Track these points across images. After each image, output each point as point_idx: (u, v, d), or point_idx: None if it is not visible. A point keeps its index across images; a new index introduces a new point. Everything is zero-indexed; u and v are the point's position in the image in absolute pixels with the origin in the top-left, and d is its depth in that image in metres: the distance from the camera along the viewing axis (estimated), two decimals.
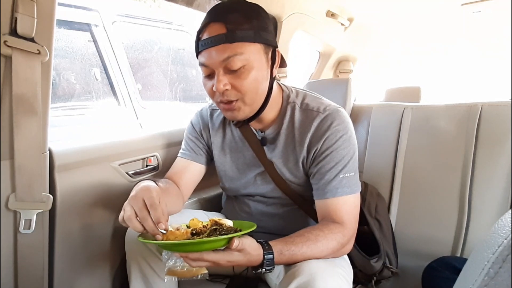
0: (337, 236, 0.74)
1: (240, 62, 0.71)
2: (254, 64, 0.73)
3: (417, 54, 2.46)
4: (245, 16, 0.72)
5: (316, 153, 0.81)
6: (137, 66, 2.23)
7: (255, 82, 0.74)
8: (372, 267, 0.93)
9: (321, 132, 0.80)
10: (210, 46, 0.71)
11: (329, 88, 1.45)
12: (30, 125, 0.75)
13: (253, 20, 0.72)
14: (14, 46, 0.68)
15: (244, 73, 0.72)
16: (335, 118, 0.80)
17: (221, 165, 0.96)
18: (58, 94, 1.82)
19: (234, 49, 0.70)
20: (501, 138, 1.07)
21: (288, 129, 0.85)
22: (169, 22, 2.46)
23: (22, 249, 0.82)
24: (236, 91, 0.74)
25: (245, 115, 0.80)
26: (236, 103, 0.76)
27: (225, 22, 0.70)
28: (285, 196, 0.89)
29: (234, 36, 0.69)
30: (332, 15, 1.57)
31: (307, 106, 0.84)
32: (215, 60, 0.71)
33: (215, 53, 0.71)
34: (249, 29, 0.71)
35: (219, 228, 0.64)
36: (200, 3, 1.19)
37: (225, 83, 0.72)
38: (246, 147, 0.90)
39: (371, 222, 1.00)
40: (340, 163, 0.79)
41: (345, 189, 0.78)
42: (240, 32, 0.70)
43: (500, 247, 0.27)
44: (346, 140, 0.80)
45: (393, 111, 1.29)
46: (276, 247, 0.68)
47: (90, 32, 1.99)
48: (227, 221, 0.68)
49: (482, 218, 1.08)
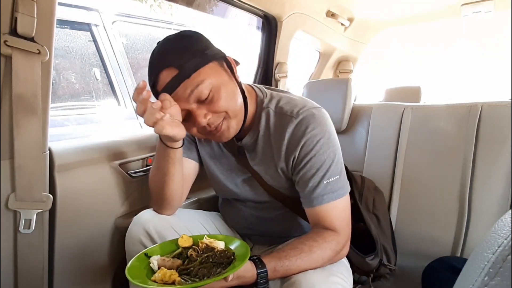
0: (332, 245, 0.73)
1: (206, 88, 0.70)
2: (218, 82, 0.72)
3: (417, 54, 2.46)
4: (185, 48, 0.71)
5: (295, 161, 0.79)
6: (137, 66, 2.23)
7: (229, 97, 0.73)
8: (369, 265, 0.93)
9: (296, 138, 0.77)
10: (171, 92, 0.70)
11: (329, 88, 1.45)
12: (30, 124, 0.75)
13: (190, 47, 0.71)
14: (14, 45, 0.68)
15: (215, 96, 0.71)
16: (310, 121, 0.77)
17: (208, 169, 0.95)
18: (58, 93, 1.82)
19: (194, 81, 0.69)
20: (501, 138, 1.07)
21: (265, 136, 0.83)
22: (169, 22, 2.46)
23: (22, 249, 0.82)
24: (218, 115, 0.73)
25: (234, 131, 0.78)
26: (223, 124, 0.75)
27: (171, 65, 0.69)
28: (275, 200, 0.88)
29: (187, 70, 0.69)
30: (332, 15, 1.57)
31: (281, 109, 0.81)
32: (182, 100, 0.70)
33: (179, 94, 0.70)
34: (193, 57, 0.70)
35: (211, 255, 0.64)
36: (200, 3, 1.20)
37: (205, 113, 0.72)
38: (230, 155, 0.89)
39: (368, 218, 0.99)
40: (322, 169, 0.76)
41: (331, 195, 0.76)
42: (189, 64, 0.69)
43: (500, 247, 0.27)
44: (324, 144, 0.77)
45: (393, 111, 1.29)
46: (269, 264, 0.67)
47: (90, 31, 1.99)
48: (219, 243, 0.68)
49: (482, 218, 1.08)
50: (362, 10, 1.62)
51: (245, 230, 1.00)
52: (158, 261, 0.65)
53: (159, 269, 0.63)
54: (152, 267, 0.65)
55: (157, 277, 0.60)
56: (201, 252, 0.66)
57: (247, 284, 0.67)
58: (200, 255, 0.65)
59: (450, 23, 1.80)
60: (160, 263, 0.65)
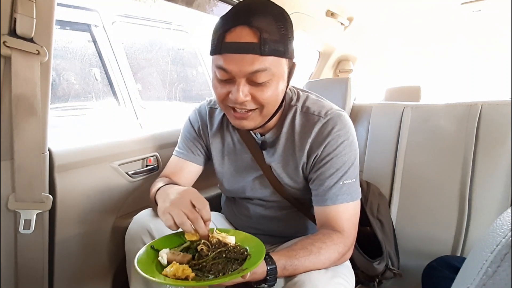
0: (339, 247, 0.74)
1: (267, 76, 0.67)
2: (278, 78, 0.70)
3: (417, 54, 2.46)
4: (277, 24, 0.67)
5: (317, 159, 0.79)
6: (137, 66, 2.23)
7: (276, 95, 0.73)
8: (375, 269, 0.93)
9: (322, 137, 0.78)
10: (238, 53, 0.65)
11: (329, 88, 1.45)
12: (30, 125, 0.75)
13: (283, 29, 0.68)
14: (14, 46, 0.68)
15: (267, 86, 0.69)
16: (337, 123, 0.78)
17: (219, 167, 0.94)
18: (58, 94, 1.82)
19: (264, 63, 0.66)
20: (501, 137, 1.07)
21: (288, 133, 0.83)
22: (169, 22, 2.46)
23: (22, 249, 0.82)
24: (255, 102, 0.72)
25: (255, 125, 0.77)
26: (252, 113, 0.73)
27: (258, 30, 0.64)
28: (283, 199, 0.88)
29: (267, 49, 0.65)
30: (332, 15, 1.56)
31: (308, 109, 0.82)
32: (241, 69, 0.66)
33: (243, 62, 0.65)
34: (280, 41, 0.67)
35: (225, 250, 0.62)
36: (200, 3, 1.19)
37: (246, 94, 0.69)
38: (245, 151, 0.89)
39: (374, 223, 0.99)
40: (341, 170, 0.77)
41: (345, 196, 0.77)
42: (273, 45, 0.65)
43: (499, 246, 0.27)
44: (347, 146, 0.78)
45: (393, 111, 1.29)
46: (279, 262, 0.66)
47: (89, 32, 1.99)
48: (231, 238, 0.66)
49: (482, 217, 1.07)
50: (361, 9, 1.62)
51: (248, 229, 0.99)
52: (167, 255, 0.63)
53: (169, 263, 0.61)
54: (160, 261, 0.63)
55: (169, 271, 0.58)
56: (212, 247, 0.63)
57: (255, 281, 0.66)
58: (212, 250, 0.63)
59: (450, 22, 1.79)
60: (170, 257, 0.63)
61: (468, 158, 1.10)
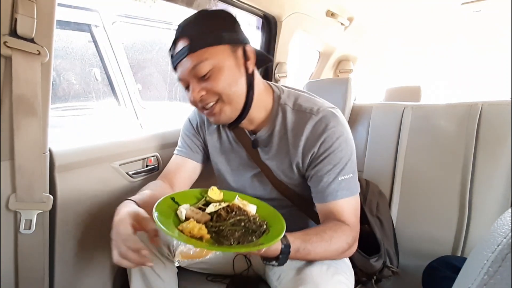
0: (348, 238, 0.75)
1: (206, 67, 0.73)
2: (222, 64, 0.74)
3: (417, 54, 2.46)
4: (205, 22, 0.75)
5: (313, 156, 0.80)
6: (137, 66, 2.23)
7: (227, 82, 0.75)
8: (372, 266, 0.93)
9: (316, 134, 0.78)
10: (178, 61, 0.75)
11: (329, 88, 1.45)
12: (30, 125, 0.75)
13: (213, 23, 0.75)
14: (14, 46, 0.68)
15: (213, 75, 0.74)
16: (330, 119, 0.79)
17: (216, 165, 0.95)
18: (58, 94, 1.82)
19: (198, 57, 0.73)
20: (501, 137, 1.07)
21: (281, 131, 0.84)
22: (169, 22, 2.46)
23: (23, 249, 0.82)
24: (212, 94, 0.76)
25: (228, 117, 0.79)
26: (216, 106, 0.77)
27: (187, 35, 0.74)
28: (283, 197, 0.88)
29: (196, 45, 0.73)
30: (332, 15, 1.57)
31: (300, 107, 0.83)
32: (184, 71, 0.75)
33: (183, 65, 0.74)
34: (209, 33, 0.73)
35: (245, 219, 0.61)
36: (200, 3, 1.20)
37: (199, 90, 0.75)
38: (241, 148, 0.90)
39: (372, 221, 1.00)
40: (338, 166, 0.78)
41: (345, 192, 0.78)
42: (202, 40, 0.73)
43: (500, 246, 0.27)
44: (343, 142, 0.78)
45: (393, 111, 1.29)
46: (294, 244, 0.66)
47: (90, 32, 1.99)
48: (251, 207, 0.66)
49: (483, 217, 1.07)
50: (362, 9, 1.62)
51: None
52: (187, 211, 0.63)
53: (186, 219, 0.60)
54: (179, 215, 0.62)
55: (185, 228, 0.57)
56: (232, 214, 0.62)
57: (266, 256, 0.66)
58: (232, 216, 0.61)
59: (451, 22, 1.79)
60: (189, 214, 0.62)
61: (469, 158, 1.10)
